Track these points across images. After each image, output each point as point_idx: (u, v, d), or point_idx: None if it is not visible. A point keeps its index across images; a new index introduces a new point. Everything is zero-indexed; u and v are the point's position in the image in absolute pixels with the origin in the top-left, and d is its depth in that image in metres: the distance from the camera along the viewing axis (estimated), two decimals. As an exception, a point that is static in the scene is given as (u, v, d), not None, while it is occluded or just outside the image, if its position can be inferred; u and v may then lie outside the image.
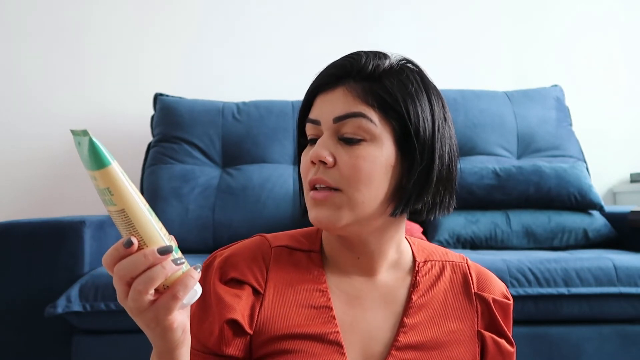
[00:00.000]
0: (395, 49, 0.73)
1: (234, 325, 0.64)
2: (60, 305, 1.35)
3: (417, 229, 1.73)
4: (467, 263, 0.75)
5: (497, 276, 0.77)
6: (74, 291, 1.37)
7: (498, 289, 0.73)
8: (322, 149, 0.64)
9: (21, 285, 1.45)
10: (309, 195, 0.66)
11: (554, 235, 1.74)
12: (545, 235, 1.74)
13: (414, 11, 2.39)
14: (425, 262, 0.73)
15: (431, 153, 0.65)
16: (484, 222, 1.76)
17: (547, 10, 2.46)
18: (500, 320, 0.71)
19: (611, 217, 1.81)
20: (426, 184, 0.66)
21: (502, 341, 0.71)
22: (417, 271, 0.72)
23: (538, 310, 1.42)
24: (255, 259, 0.69)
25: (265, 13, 2.33)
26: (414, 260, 0.73)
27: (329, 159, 0.64)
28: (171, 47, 2.28)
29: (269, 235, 0.73)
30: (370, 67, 0.65)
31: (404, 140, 0.65)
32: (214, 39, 2.30)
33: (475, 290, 0.72)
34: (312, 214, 0.66)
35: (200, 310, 0.65)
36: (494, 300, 0.72)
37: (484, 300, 0.72)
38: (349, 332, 0.67)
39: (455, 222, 1.76)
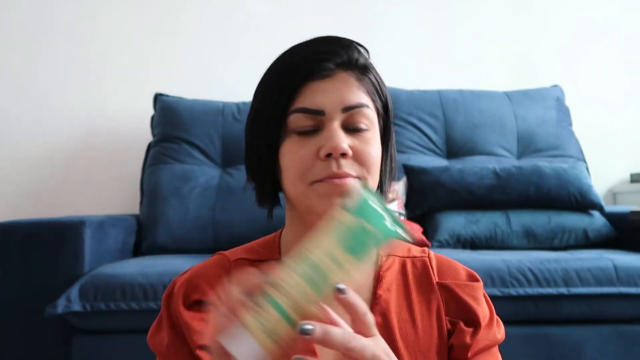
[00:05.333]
0: (395, 49, 0.73)
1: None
2: (60, 305, 1.35)
3: (417, 229, 1.73)
4: (428, 256, 0.73)
5: (497, 276, 0.77)
6: (74, 291, 1.37)
7: (461, 275, 0.72)
8: (342, 140, 0.62)
9: (21, 285, 1.45)
10: (327, 184, 0.62)
11: (554, 235, 1.74)
12: (545, 235, 1.74)
13: (414, 11, 2.39)
14: (387, 256, 0.72)
15: (392, 137, 0.72)
16: (484, 222, 1.76)
17: (547, 10, 2.46)
18: (469, 303, 0.69)
19: (611, 217, 1.81)
20: (392, 165, 0.72)
21: (471, 326, 0.69)
22: (381, 265, 0.71)
23: (538, 310, 1.42)
24: (216, 277, 0.67)
25: (266, 13, 2.33)
26: (377, 254, 0.72)
27: (350, 151, 0.62)
28: (171, 47, 2.28)
29: (226, 252, 0.71)
30: (361, 58, 0.67)
31: (384, 126, 0.69)
32: (214, 39, 2.30)
33: (437, 280, 0.70)
34: (336, 202, 0.63)
35: (175, 337, 0.65)
36: (457, 285, 0.70)
37: (446, 288, 0.70)
38: None
39: (455, 222, 1.76)
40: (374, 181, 0.65)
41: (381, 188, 0.70)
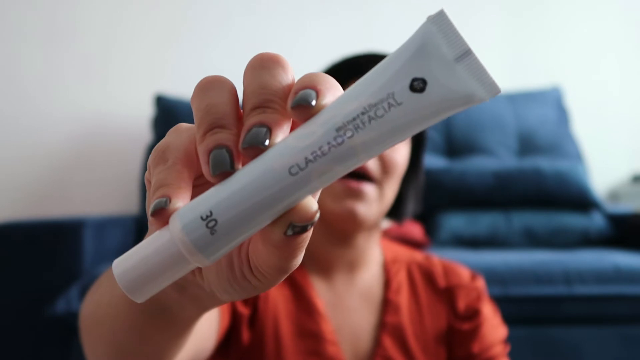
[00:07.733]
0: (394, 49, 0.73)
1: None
2: (60, 306, 1.35)
3: (419, 229, 1.73)
4: (431, 261, 0.76)
5: (498, 276, 0.78)
6: (74, 292, 1.37)
7: (464, 278, 0.74)
8: None
9: (21, 285, 1.45)
10: (342, 184, 0.64)
11: (554, 235, 1.74)
12: (545, 235, 1.74)
13: (413, 11, 2.39)
14: (394, 261, 0.74)
15: (423, 156, 0.73)
16: (484, 222, 1.76)
17: (547, 9, 2.46)
18: (474, 304, 0.72)
19: (612, 217, 1.81)
20: (417, 185, 0.73)
21: (476, 326, 0.71)
22: (388, 270, 0.72)
23: (538, 311, 1.42)
24: None
25: (266, 13, 2.33)
26: (384, 258, 0.74)
27: None
28: (171, 47, 2.28)
29: None
30: None
31: (416, 143, 0.71)
32: (214, 39, 2.30)
33: (443, 285, 0.73)
34: (348, 205, 0.63)
35: None
36: (462, 287, 0.73)
37: (452, 293, 0.72)
38: (337, 336, 0.67)
39: (455, 222, 1.76)
40: (390, 192, 0.66)
41: (403, 199, 0.72)
